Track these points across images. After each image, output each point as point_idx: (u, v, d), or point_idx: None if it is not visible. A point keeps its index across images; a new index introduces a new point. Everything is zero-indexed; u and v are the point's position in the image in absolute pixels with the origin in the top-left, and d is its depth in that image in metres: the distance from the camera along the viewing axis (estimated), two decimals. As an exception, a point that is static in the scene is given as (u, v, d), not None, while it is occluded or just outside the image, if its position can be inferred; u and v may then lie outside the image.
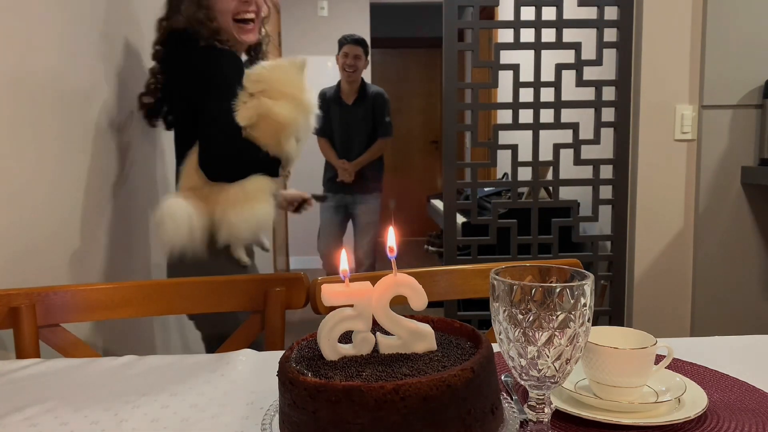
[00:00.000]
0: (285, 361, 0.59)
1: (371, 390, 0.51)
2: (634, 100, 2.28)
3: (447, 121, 2.29)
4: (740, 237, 2.26)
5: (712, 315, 2.30)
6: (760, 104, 2.19)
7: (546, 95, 2.26)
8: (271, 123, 1.50)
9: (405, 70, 6.85)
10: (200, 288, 1.21)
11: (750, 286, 2.28)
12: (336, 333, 0.60)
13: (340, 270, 0.62)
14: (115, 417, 0.74)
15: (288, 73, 1.56)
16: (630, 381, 0.71)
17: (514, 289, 0.55)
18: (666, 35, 2.23)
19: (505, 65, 2.23)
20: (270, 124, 1.50)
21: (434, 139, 6.81)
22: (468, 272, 1.25)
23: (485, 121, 4.75)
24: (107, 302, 1.16)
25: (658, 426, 0.66)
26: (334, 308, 0.60)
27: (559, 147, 2.29)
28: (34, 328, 1.08)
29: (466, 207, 2.42)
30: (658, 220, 2.31)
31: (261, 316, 1.19)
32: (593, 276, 0.56)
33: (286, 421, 0.57)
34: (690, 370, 0.82)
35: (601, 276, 2.35)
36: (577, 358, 0.56)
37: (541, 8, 2.22)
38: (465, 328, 0.66)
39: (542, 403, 0.58)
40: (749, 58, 2.19)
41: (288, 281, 1.19)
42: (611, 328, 0.76)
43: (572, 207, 2.37)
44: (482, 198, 3.20)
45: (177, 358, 0.95)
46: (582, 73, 2.25)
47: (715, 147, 2.24)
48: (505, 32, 4.38)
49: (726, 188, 2.25)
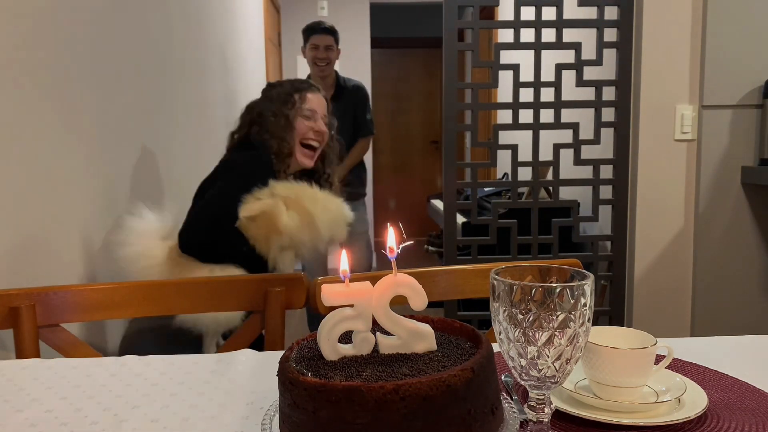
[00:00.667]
0: (285, 361, 0.59)
1: (371, 390, 0.51)
2: (634, 100, 2.28)
3: (447, 121, 2.29)
4: (740, 237, 2.26)
5: (712, 315, 2.30)
6: (760, 104, 2.19)
7: (546, 95, 2.26)
8: (270, 224, 1.48)
9: (405, 70, 6.85)
10: (200, 288, 1.21)
11: (750, 286, 2.28)
12: (336, 333, 0.60)
13: (340, 270, 0.62)
14: (115, 417, 0.74)
15: (322, 200, 1.57)
16: (630, 381, 0.71)
17: (514, 289, 0.55)
18: (666, 35, 2.23)
19: (505, 65, 2.23)
20: (268, 224, 1.48)
21: (434, 139, 6.81)
22: (468, 272, 1.24)
23: (485, 121, 4.74)
24: (107, 302, 1.16)
25: (658, 426, 0.66)
26: (334, 308, 0.61)
27: (559, 147, 2.29)
28: (34, 328, 1.08)
29: (466, 207, 2.42)
30: (658, 220, 2.31)
31: (261, 316, 1.19)
32: (593, 276, 0.56)
33: (286, 421, 0.57)
34: (690, 370, 0.82)
35: (601, 276, 2.35)
36: (577, 358, 0.56)
37: (541, 8, 2.22)
38: (465, 328, 0.66)
39: (542, 403, 0.58)
40: (749, 58, 2.19)
41: (288, 281, 1.19)
42: (611, 328, 0.76)
43: (572, 207, 2.37)
44: (482, 198, 3.20)
45: (177, 358, 0.95)
46: (582, 73, 2.25)
47: (715, 147, 2.24)
48: (505, 32, 4.38)
49: (726, 188, 2.25)
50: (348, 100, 3.08)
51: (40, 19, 1.34)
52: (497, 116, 4.31)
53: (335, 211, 1.58)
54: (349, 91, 3.12)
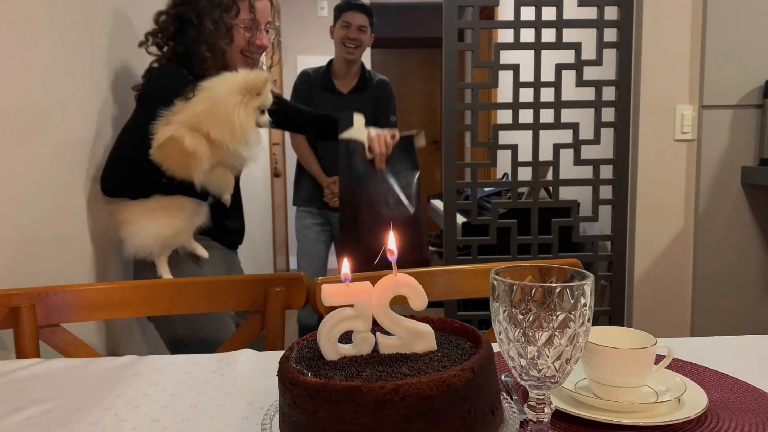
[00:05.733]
0: (285, 361, 0.59)
1: (371, 390, 0.51)
2: (634, 100, 2.28)
3: (447, 121, 2.29)
4: (740, 237, 2.26)
5: (712, 315, 2.30)
6: (760, 104, 2.19)
7: (546, 95, 2.26)
8: (178, 148, 1.37)
9: (405, 70, 6.85)
10: (200, 288, 1.21)
11: (750, 286, 2.28)
12: (336, 333, 0.60)
13: (341, 273, 0.62)
14: (115, 417, 0.74)
15: (223, 94, 1.40)
16: (630, 381, 0.71)
17: (514, 289, 0.55)
18: (666, 35, 2.23)
19: (505, 65, 2.23)
20: (176, 150, 1.37)
21: (434, 139, 6.81)
22: (468, 272, 1.25)
23: (485, 121, 4.75)
24: (107, 302, 1.16)
25: (658, 426, 0.66)
26: (334, 308, 0.61)
27: (559, 147, 2.29)
28: (34, 328, 1.08)
29: (466, 207, 2.42)
30: (658, 220, 2.31)
31: (261, 316, 1.19)
32: (593, 276, 0.56)
33: (286, 421, 0.57)
34: (690, 370, 0.82)
35: (601, 276, 2.35)
36: (577, 358, 0.56)
37: (541, 8, 2.22)
38: (465, 328, 0.66)
39: (542, 403, 0.58)
40: (749, 58, 2.19)
41: (288, 281, 1.19)
42: (611, 328, 0.76)
43: (572, 207, 2.37)
44: (482, 198, 3.20)
45: (177, 358, 0.95)
46: (582, 73, 2.25)
47: (715, 147, 2.24)
48: (505, 32, 4.38)
49: (726, 188, 2.25)
50: (370, 94, 2.73)
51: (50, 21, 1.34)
52: (497, 116, 4.31)
53: (235, 110, 1.40)
54: (373, 86, 2.75)
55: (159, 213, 1.46)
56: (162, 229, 1.46)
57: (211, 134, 1.37)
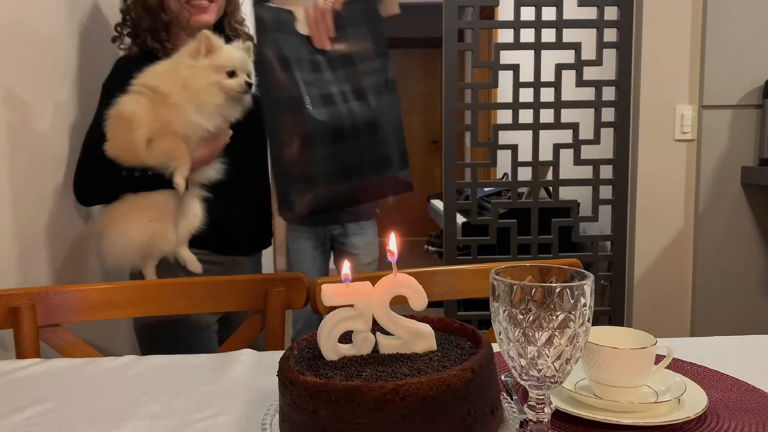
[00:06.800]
0: (285, 361, 0.59)
1: (371, 390, 0.51)
2: (634, 100, 2.28)
3: (447, 121, 2.29)
4: (740, 237, 2.26)
5: (712, 315, 2.30)
6: (760, 104, 2.19)
7: (546, 95, 2.26)
8: (121, 125, 1.25)
9: (405, 70, 6.84)
10: (200, 288, 1.20)
11: (750, 286, 2.28)
12: (336, 333, 0.60)
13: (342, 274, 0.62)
14: (115, 417, 0.74)
15: (168, 68, 1.29)
16: (630, 381, 0.71)
17: (514, 289, 0.55)
18: (666, 35, 2.23)
19: (505, 65, 2.23)
20: (120, 128, 1.26)
21: (434, 139, 6.81)
22: (468, 272, 1.25)
23: (485, 121, 4.74)
24: (107, 302, 1.16)
25: (658, 426, 0.66)
26: (334, 308, 0.61)
27: (559, 147, 2.29)
28: (34, 328, 1.08)
29: (466, 207, 2.42)
30: (658, 220, 2.31)
31: (261, 316, 1.19)
32: (593, 276, 0.56)
33: (286, 421, 0.57)
34: (690, 370, 0.82)
35: (601, 276, 2.35)
36: (577, 358, 0.56)
37: (541, 8, 2.22)
38: (465, 328, 0.66)
39: (542, 403, 0.58)
40: (749, 58, 2.19)
41: (288, 281, 1.19)
42: (611, 328, 0.76)
43: (572, 207, 2.37)
44: (482, 198, 3.20)
45: (177, 358, 0.95)
46: (582, 73, 2.25)
47: (715, 147, 2.24)
48: (505, 32, 4.38)
49: (726, 188, 2.25)
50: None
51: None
52: (497, 116, 4.31)
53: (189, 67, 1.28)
54: None
55: (133, 216, 1.33)
56: (136, 235, 1.32)
57: (162, 89, 1.27)
